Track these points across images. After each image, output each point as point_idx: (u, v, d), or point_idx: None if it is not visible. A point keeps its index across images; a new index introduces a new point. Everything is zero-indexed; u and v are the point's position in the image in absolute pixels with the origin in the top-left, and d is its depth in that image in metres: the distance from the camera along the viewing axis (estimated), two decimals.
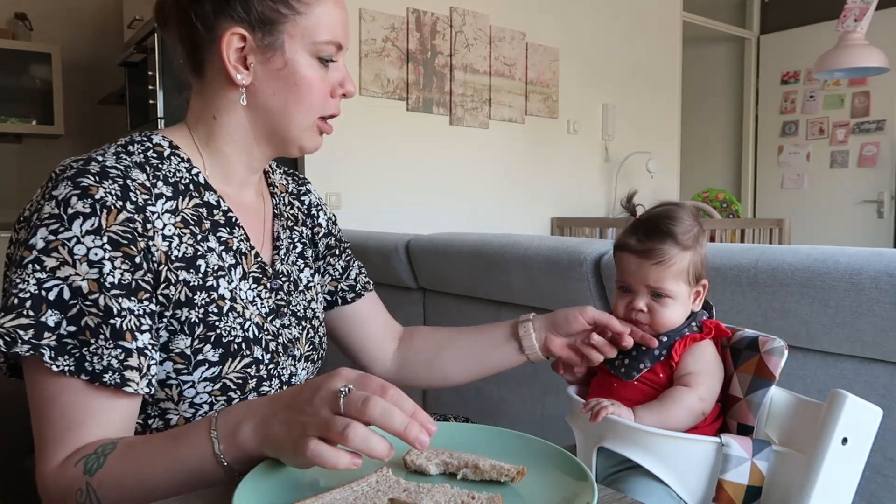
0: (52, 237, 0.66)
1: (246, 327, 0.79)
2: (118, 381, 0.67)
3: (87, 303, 0.66)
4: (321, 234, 1.02)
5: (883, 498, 1.09)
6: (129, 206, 0.70)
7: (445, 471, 0.63)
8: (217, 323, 0.76)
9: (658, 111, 4.47)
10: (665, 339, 0.94)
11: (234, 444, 0.60)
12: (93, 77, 4.03)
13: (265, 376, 0.80)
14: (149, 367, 0.70)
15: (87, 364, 0.65)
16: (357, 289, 1.04)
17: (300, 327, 0.90)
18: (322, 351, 0.96)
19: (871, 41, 3.46)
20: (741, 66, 5.46)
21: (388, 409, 0.55)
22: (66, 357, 0.65)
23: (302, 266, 0.95)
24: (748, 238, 3.35)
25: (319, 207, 1.03)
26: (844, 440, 0.74)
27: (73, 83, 3.93)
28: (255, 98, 0.80)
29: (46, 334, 0.64)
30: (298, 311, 0.91)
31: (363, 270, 1.07)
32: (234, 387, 0.77)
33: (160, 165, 0.78)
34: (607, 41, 4.12)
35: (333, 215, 1.07)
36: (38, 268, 0.65)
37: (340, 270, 1.04)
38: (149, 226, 0.72)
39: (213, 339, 0.75)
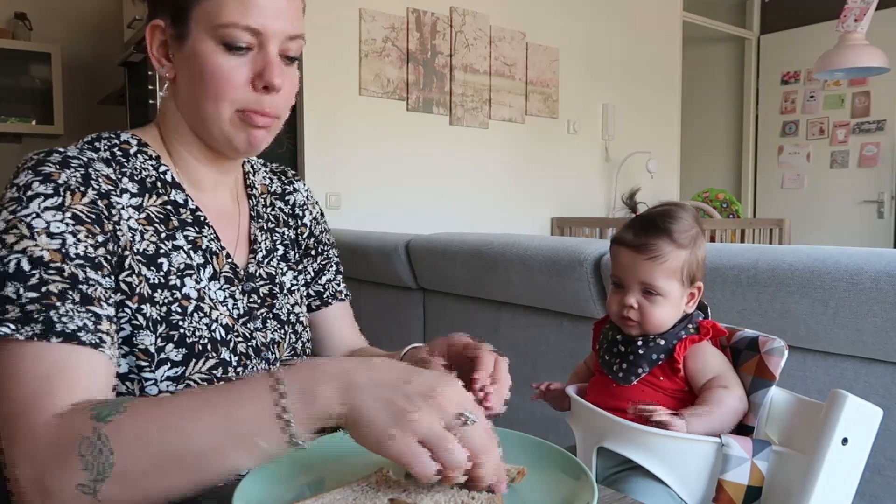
0: (10, 217, 0.65)
1: (213, 328, 0.77)
2: (95, 341, 0.62)
3: (50, 271, 0.63)
4: (305, 235, 0.97)
5: (883, 498, 1.09)
6: (91, 191, 0.69)
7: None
8: (180, 322, 0.74)
9: (658, 111, 4.47)
10: (663, 342, 0.94)
11: (311, 403, 0.53)
12: (93, 77, 4.04)
13: (233, 379, 0.78)
14: (116, 339, 0.67)
15: (56, 325, 0.61)
16: (324, 297, 0.98)
17: (282, 331, 0.87)
18: (305, 357, 0.92)
19: (871, 41, 3.46)
20: (741, 66, 5.45)
21: (497, 465, 0.53)
22: (32, 324, 0.60)
23: (285, 269, 0.92)
24: (748, 238, 3.34)
25: (305, 207, 0.98)
26: (844, 440, 0.74)
27: (73, 83, 3.93)
28: (178, 92, 0.79)
29: (10, 307, 0.61)
30: (282, 315, 0.88)
31: (339, 278, 1.00)
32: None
33: (125, 163, 0.77)
34: (607, 41, 4.12)
35: (320, 214, 1.02)
36: (0, 247, 0.64)
37: (312, 274, 0.98)
38: (113, 211, 0.71)
39: (175, 338, 0.73)
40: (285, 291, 0.90)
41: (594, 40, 4.05)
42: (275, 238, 0.92)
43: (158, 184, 0.78)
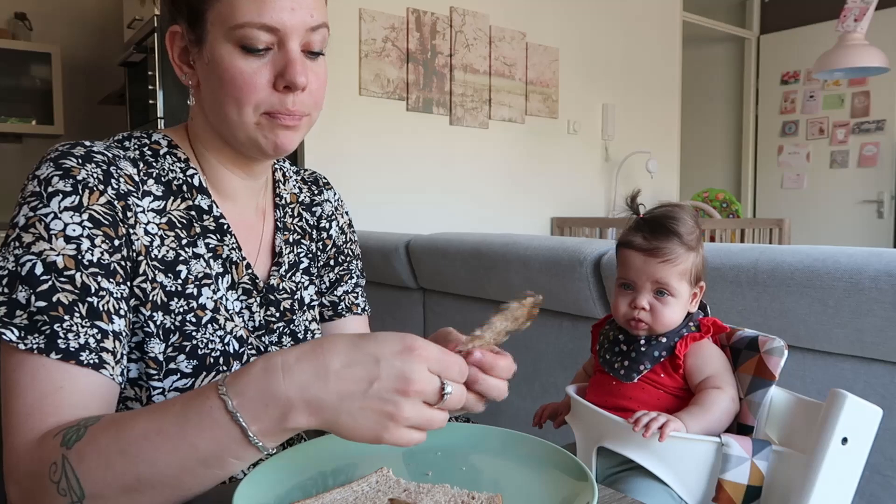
0: (31, 213, 0.65)
1: (226, 341, 0.75)
2: (96, 361, 0.62)
3: (62, 279, 0.63)
4: (328, 247, 0.95)
5: (883, 498, 1.09)
6: (110, 190, 0.68)
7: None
8: (194, 333, 0.73)
9: (658, 111, 4.47)
10: (664, 339, 0.94)
11: (276, 425, 0.52)
12: (93, 77, 4.03)
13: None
14: (122, 354, 0.66)
15: (59, 341, 0.61)
16: (339, 308, 0.94)
17: None
18: None
19: (871, 41, 3.46)
20: (741, 66, 5.45)
21: (462, 396, 0.56)
22: (37, 335, 0.60)
23: (307, 283, 0.90)
24: (748, 238, 3.34)
25: (333, 217, 0.95)
26: (844, 440, 0.74)
27: (73, 83, 3.93)
28: (202, 98, 0.77)
29: (19, 312, 0.61)
30: (298, 332, 0.86)
31: (357, 291, 0.97)
32: None
33: (153, 163, 0.75)
34: (607, 41, 4.12)
35: (348, 224, 0.98)
36: (17, 245, 0.64)
37: (328, 284, 0.95)
38: (129, 213, 0.69)
39: (187, 349, 0.72)
40: (304, 307, 0.88)
41: (594, 40, 4.05)
42: (299, 251, 0.90)
43: (185, 187, 0.77)
